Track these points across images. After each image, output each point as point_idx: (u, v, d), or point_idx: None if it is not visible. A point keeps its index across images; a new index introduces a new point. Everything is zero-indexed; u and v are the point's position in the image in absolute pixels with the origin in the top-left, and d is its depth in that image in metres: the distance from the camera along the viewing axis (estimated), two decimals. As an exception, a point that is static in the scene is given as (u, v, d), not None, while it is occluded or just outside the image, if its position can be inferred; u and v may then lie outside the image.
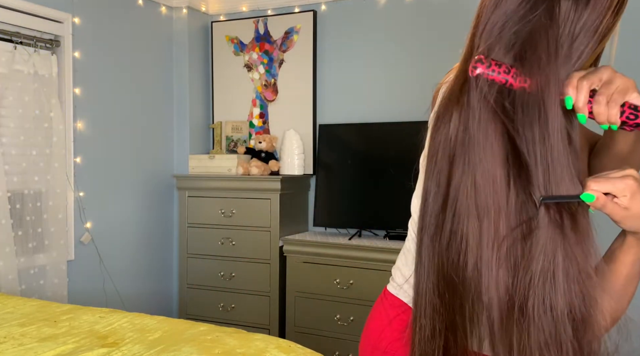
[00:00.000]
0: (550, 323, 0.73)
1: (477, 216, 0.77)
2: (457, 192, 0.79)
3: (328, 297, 3.08)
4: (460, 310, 0.80)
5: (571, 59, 0.76)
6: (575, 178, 0.75)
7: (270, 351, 1.66)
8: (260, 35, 3.66)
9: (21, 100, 2.74)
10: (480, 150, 0.77)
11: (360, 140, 3.36)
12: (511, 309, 0.75)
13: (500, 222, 0.76)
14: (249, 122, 3.74)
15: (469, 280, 0.78)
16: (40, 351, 1.65)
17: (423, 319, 0.84)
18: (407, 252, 1.06)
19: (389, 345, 1.02)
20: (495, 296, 0.75)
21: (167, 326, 1.91)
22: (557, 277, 0.73)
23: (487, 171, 0.77)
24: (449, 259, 0.80)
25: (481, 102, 0.78)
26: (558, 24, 0.76)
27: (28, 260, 2.77)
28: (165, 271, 3.69)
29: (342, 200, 3.38)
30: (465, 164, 0.78)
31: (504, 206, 0.76)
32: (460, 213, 0.79)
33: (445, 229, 0.81)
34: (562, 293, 0.73)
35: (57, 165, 2.86)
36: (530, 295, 0.73)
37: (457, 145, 0.80)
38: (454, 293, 0.80)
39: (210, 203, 3.45)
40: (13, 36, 2.70)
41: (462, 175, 0.79)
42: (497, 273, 0.75)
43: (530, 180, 0.75)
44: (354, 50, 3.45)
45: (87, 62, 3.11)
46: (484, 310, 0.76)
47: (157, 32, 3.60)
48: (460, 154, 0.79)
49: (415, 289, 0.86)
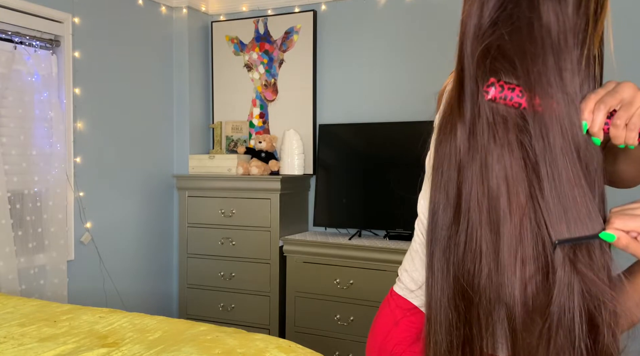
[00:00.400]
0: (571, 329, 0.71)
1: (492, 223, 0.74)
2: (468, 202, 0.76)
3: (328, 297, 3.08)
4: (477, 321, 0.77)
5: (573, 54, 0.73)
6: (593, 213, 0.70)
7: (270, 351, 1.66)
8: (260, 35, 3.66)
9: (21, 100, 2.74)
10: (493, 159, 0.74)
11: (360, 140, 3.36)
12: (533, 312, 0.73)
13: (520, 227, 0.73)
14: (249, 122, 3.74)
15: (486, 289, 0.75)
16: (40, 351, 1.65)
17: (439, 335, 0.81)
18: (414, 253, 1.05)
19: (395, 347, 1.02)
20: (517, 299, 0.73)
21: (167, 326, 1.91)
22: (575, 289, 0.71)
23: (501, 177, 0.74)
24: (465, 270, 0.77)
25: (492, 118, 0.75)
26: (543, 18, 0.73)
27: (28, 260, 2.77)
28: (165, 271, 3.69)
29: (342, 200, 3.38)
30: (476, 173, 0.76)
31: (522, 207, 0.73)
32: (474, 223, 0.76)
33: (459, 240, 0.78)
34: (580, 301, 0.70)
35: (57, 165, 2.86)
36: (552, 301, 0.71)
37: (465, 155, 0.77)
38: (471, 304, 0.77)
39: (210, 203, 3.45)
40: (13, 36, 2.70)
41: (473, 185, 0.76)
42: (519, 277, 0.73)
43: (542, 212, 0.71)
44: (354, 50, 3.45)
45: (87, 62, 3.11)
46: (504, 318, 0.74)
47: (157, 32, 3.60)
48: (469, 164, 0.77)
49: (428, 304, 0.84)
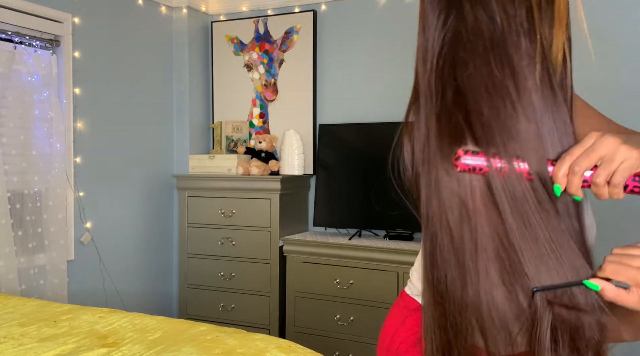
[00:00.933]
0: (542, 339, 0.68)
1: (450, 229, 0.72)
2: (425, 210, 0.75)
3: (328, 297, 3.08)
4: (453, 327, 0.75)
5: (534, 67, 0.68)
6: (580, 257, 0.66)
7: (271, 351, 1.66)
8: (260, 35, 3.66)
9: (21, 100, 2.74)
10: (441, 177, 0.71)
11: (360, 140, 3.36)
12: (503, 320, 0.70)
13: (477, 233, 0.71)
14: (249, 122, 3.74)
15: (454, 295, 0.72)
16: (40, 351, 1.65)
17: (427, 337, 0.79)
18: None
19: (400, 345, 1.03)
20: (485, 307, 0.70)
21: (167, 326, 1.91)
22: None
23: (453, 195, 0.71)
24: (434, 276, 0.75)
25: None
26: (485, 29, 0.69)
27: (28, 260, 2.77)
28: (165, 271, 3.69)
29: (342, 200, 3.38)
30: (429, 185, 0.74)
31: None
32: (435, 229, 0.73)
33: (427, 246, 0.76)
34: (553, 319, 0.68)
35: (57, 165, 2.86)
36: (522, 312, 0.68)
37: (419, 166, 0.76)
38: (444, 310, 0.74)
39: (210, 203, 3.45)
40: (13, 36, 2.70)
41: (429, 195, 0.74)
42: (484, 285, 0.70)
43: (519, 268, 0.67)
44: (354, 50, 3.45)
45: (87, 62, 3.11)
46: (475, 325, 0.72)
47: (157, 32, 3.60)
48: (423, 174, 0.75)
49: (422, 306, 0.83)
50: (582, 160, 0.65)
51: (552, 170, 0.67)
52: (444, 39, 0.72)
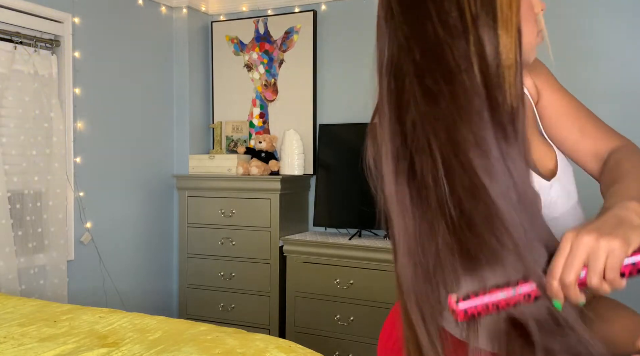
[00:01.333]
0: None
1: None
2: None
3: (328, 297, 3.08)
4: (409, 327, 0.77)
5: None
6: None
7: (270, 351, 1.66)
8: (260, 35, 3.66)
9: (21, 100, 2.74)
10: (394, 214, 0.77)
11: (360, 140, 3.34)
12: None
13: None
14: (249, 122, 3.74)
15: (408, 292, 0.75)
16: (40, 351, 1.65)
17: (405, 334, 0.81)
18: None
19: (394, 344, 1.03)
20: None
21: (167, 326, 1.91)
22: None
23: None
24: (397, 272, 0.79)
25: None
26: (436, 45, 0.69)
27: (28, 260, 2.77)
28: (165, 271, 3.69)
29: (342, 200, 3.38)
30: None
31: None
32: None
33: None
34: None
35: (57, 165, 2.86)
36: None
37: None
38: (405, 306, 0.77)
39: (210, 203, 3.45)
40: (13, 36, 2.70)
41: None
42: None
43: None
44: (354, 50, 3.45)
45: (87, 62, 3.11)
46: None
47: (157, 32, 3.60)
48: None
49: None
50: (568, 272, 0.63)
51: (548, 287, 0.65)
52: (392, 49, 0.74)
